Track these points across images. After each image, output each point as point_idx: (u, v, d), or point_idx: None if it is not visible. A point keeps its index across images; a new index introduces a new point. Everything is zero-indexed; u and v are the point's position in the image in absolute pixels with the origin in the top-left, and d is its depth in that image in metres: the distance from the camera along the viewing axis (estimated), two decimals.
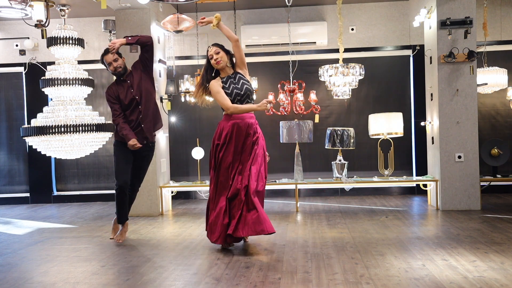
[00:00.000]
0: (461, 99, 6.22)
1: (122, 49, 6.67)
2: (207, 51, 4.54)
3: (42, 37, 6.15)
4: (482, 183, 6.59)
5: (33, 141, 6.11)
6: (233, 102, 4.44)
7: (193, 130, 8.07)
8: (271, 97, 6.77)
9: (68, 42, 6.18)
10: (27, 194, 8.27)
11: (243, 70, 4.60)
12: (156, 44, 6.90)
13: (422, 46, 7.29)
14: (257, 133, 4.51)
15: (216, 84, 4.50)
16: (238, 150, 4.42)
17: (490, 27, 7.12)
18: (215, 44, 4.56)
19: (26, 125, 6.17)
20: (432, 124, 6.60)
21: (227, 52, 4.53)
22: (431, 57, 6.56)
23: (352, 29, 7.78)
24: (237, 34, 7.62)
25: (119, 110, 4.96)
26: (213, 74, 4.58)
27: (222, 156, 4.43)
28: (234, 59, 4.60)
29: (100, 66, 8.12)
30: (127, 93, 4.92)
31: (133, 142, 4.78)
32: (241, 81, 4.50)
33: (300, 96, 6.82)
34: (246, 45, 7.65)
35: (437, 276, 3.47)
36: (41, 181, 8.19)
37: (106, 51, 4.90)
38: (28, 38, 8.02)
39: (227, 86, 4.48)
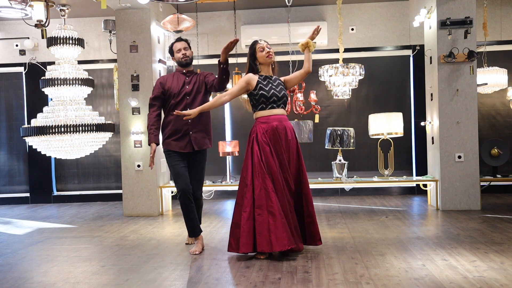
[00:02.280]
0: (461, 99, 6.22)
1: (124, 49, 6.69)
2: (255, 44, 4.26)
3: (42, 37, 6.16)
4: (482, 183, 6.59)
5: (33, 141, 6.12)
6: (270, 101, 4.21)
7: None
8: None
9: (68, 42, 6.19)
10: (27, 194, 8.26)
11: (286, 85, 4.39)
12: (156, 44, 6.90)
13: (422, 46, 7.29)
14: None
15: (250, 77, 4.25)
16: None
17: (490, 27, 7.12)
18: (265, 40, 4.34)
19: (26, 125, 6.17)
20: (432, 124, 6.60)
21: None
22: (431, 57, 6.56)
23: (352, 29, 7.78)
24: (237, 34, 7.62)
25: (157, 104, 4.57)
26: (259, 67, 4.30)
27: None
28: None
29: (100, 66, 8.14)
30: (181, 86, 4.54)
31: (153, 146, 4.45)
32: (280, 86, 4.30)
33: (300, 96, 6.81)
34: (246, 45, 7.64)
35: (437, 276, 3.47)
36: (41, 181, 8.19)
37: (179, 39, 4.65)
38: (28, 38, 8.02)
39: (265, 84, 4.23)
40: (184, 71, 4.63)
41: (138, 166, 6.66)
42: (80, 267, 4.05)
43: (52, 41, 6.17)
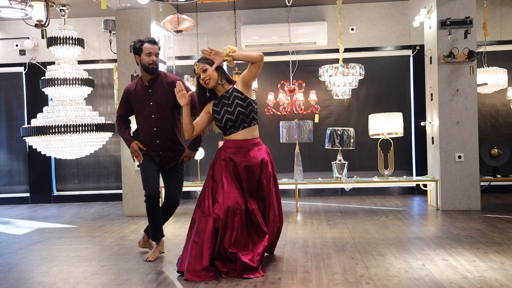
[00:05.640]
0: (461, 99, 6.22)
1: (124, 49, 6.68)
2: (194, 69, 3.82)
3: (42, 37, 6.16)
4: (482, 183, 6.58)
5: (33, 141, 6.12)
6: (226, 129, 3.81)
7: None
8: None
9: (68, 42, 6.19)
10: (27, 194, 8.26)
11: (244, 88, 3.81)
12: None
13: (422, 46, 7.29)
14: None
15: (206, 108, 3.90)
16: None
17: (490, 27, 7.12)
18: (202, 60, 3.81)
19: (26, 125, 6.17)
20: (432, 124, 6.60)
21: (217, 68, 3.77)
22: (431, 57, 6.56)
23: (352, 29, 7.78)
24: (237, 34, 7.62)
25: (123, 117, 4.37)
26: (208, 94, 3.86)
27: None
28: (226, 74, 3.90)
29: (100, 66, 8.14)
30: (145, 101, 4.19)
31: (135, 145, 4.22)
32: (236, 101, 3.76)
33: (300, 96, 6.82)
34: (246, 45, 7.65)
35: (437, 276, 3.47)
36: (41, 181, 8.19)
37: (152, 41, 4.17)
38: (28, 38, 8.02)
39: (218, 110, 3.80)
40: (148, 78, 4.19)
41: (138, 166, 6.65)
42: (80, 267, 4.05)
43: (52, 41, 6.17)
